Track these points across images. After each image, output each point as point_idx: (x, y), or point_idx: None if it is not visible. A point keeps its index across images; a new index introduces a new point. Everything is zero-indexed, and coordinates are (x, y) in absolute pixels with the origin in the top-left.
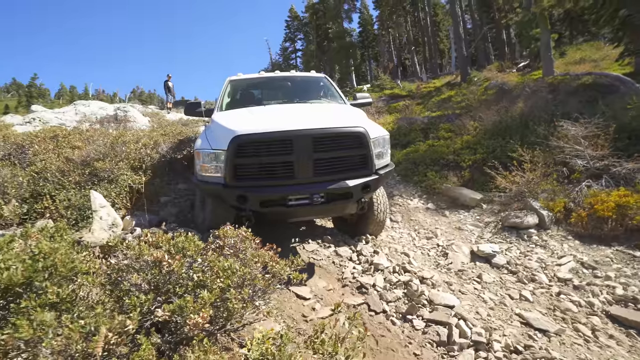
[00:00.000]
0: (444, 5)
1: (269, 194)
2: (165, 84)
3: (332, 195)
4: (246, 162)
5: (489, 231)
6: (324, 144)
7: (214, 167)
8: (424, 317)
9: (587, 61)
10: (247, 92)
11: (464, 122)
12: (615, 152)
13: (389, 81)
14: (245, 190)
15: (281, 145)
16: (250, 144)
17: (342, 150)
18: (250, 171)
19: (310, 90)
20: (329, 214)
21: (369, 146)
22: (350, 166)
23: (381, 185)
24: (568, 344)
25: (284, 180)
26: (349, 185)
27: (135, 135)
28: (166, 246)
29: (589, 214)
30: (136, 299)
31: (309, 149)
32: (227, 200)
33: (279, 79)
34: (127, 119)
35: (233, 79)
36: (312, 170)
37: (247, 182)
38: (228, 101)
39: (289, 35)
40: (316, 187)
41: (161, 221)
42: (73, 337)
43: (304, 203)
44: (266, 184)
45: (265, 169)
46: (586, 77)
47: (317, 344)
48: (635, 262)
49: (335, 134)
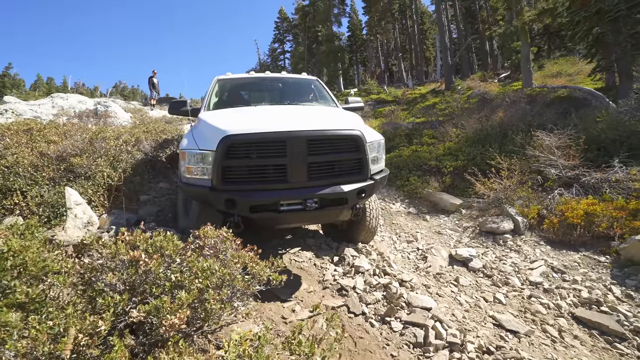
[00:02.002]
0: (431, 14)
1: (260, 199)
2: (149, 80)
3: (326, 200)
4: (236, 164)
5: (467, 236)
6: (319, 147)
7: (200, 168)
8: (402, 319)
9: (563, 75)
10: (235, 92)
11: (447, 129)
12: (585, 163)
13: (375, 86)
14: (234, 194)
15: (274, 147)
16: (240, 145)
17: (338, 153)
18: (239, 174)
19: (302, 92)
20: (322, 220)
21: (365, 150)
22: (345, 171)
23: (376, 191)
24: (536, 344)
25: (276, 184)
26: (344, 190)
27: (116, 132)
28: (144, 245)
29: (560, 221)
30: (110, 299)
31: (303, 151)
32: (214, 205)
33: (270, 79)
34: (108, 115)
35: (221, 78)
36: (306, 174)
37: (236, 186)
38: (216, 101)
39: (278, 36)
40: (310, 192)
41: (140, 220)
42: (40, 339)
43: (296, 209)
44: (257, 187)
45: (256, 171)
46: (562, 90)
47: (294, 345)
48: (600, 266)
49: (331, 137)
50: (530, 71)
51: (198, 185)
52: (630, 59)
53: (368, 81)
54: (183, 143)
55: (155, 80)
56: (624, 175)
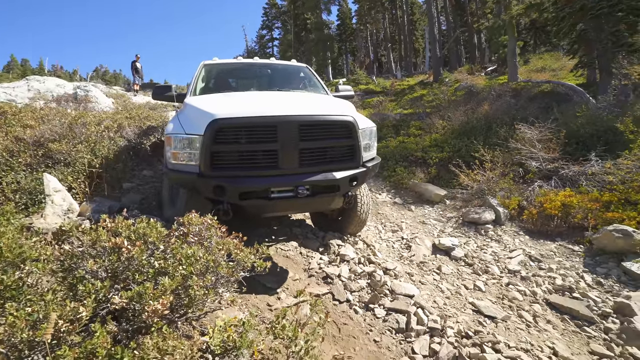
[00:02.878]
0: (421, 5)
1: (250, 185)
2: (132, 64)
3: (318, 187)
4: (225, 150)
5: (450, 226)
6: (311, 133)
7: (187, 154)
8: (385, 306)
9: (547, 70)
10: (223, 77)
11: (434, 121)
12: (564, 156)
13: (364, 76)
14: (223, 180)
15: (264, 132)
16: (230, 129)
17: (330, 139)
18: (229, 160)
19: (292, 79)
20: (313, 208)
21: (358, 137)
22: (337, 157)
23: (368, 178)
24: (512, 329)
25: (266, 170)
26: (336, 177)
27: (97, 117)
28: (126, 232)
29: (539, 212)
30: (91, 286)
31: (294, 137)
32: (202, 192)
33: (259, 65)
34: (88, 99)
35: (208, 63)
36: (298, 160)
37: (225, 172)
38: (202, 86)
39: (266, 23)
40: (301, 179)
41: (123, 208)
42: (18, 325)
43: (287, 196)
44: (246, 174)
45: (245, 157)
46: (545, 85)
47: (278, 329)
48: (574, 255)
49: (323, 122)
50: (516, 65)
51: (185, 171)
52: (611, 57)
53: (357, 71)
54: (168, 127)
55: (139, 65)
56: (599, 168)
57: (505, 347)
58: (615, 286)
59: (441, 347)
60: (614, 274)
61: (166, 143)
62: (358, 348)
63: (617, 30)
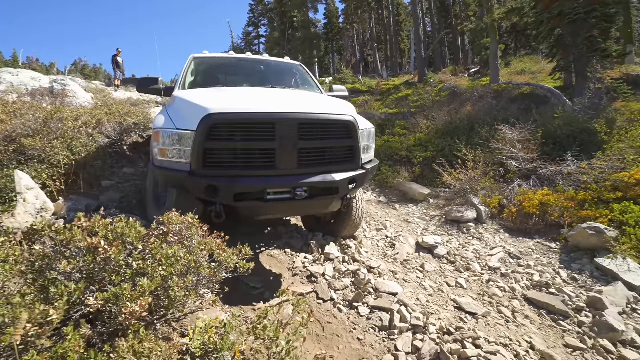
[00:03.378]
0: (406, 6)
1: (245, 186)
2: (113, 58)
3: (316, 190)
4: (219, 147)
5: (433, 224)
6: (311, 132)
7: (177, 150)
8: (369, 304)
9: (527, 72)
10: (213, 72)
11: (418, 121)
12: (542, 156)
13: (350, 76)
14: (217, 180)
15: (262, 129)
16: (225, 125)
17: (329, 140)
18: (222, 158)
19: (285, 77)
20: (310, 211)
21: (358, 138)
22: (336, 159)
23: (367, 181)
24: (492, 324)
25: (263, 170)
26: (335, 179)
27: (75, 112)
28: (103, 232)
29: (518, 210)
30: (64, 288)
31: (293, 135)
32: (193, 192)
33: (251, 61)
34: (66, 94)
35: (198, 57)
36: (296, 160)
37: (218, 171)
38: (191, 80)
39: (252, 19)
40: (299, 180)
41: (101, 206)
42: None
43: (284, 198)
44: (241, 173)
45: (241, 156)
46: (525, 87)
47: (259, 330)
48: (551, 252)
49: (324, 121)
50: (497, 67)
51: (174, 169)
52: (586, 61)
53: (343, 70)
54: (157, 121)
55: (120, 60)
56: (575, 168)
57: (486, 342)
58: (588, 281)
59: (423, 344)
60: (588, 269)
61: (154, 138)
62: (342, 347)
63: (591, 36)
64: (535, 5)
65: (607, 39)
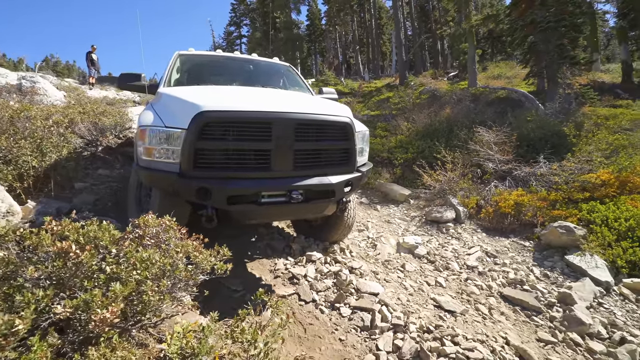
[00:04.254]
0: (388, 10)
1: (239, 188)
2: (88, 55)
3: (312, 192)
4: (211, 147)
5: (414, 225)
6: (307, 133)
7: (165, 150)
8: (351, 305)
9: (503, 77)
10: (200, 70)
11: (399, 123)
12: (517, 158)
13: (333, 77)
14: (208, 182)
15: (257, 128)
16: (218, 124)
17: (326, 141)
18: (215, 158)
19: (275, 77)
20: (305, 215)
21: (354, 140)
22: (332, 161)
23: (362, 184)
24: (470, 321)
25: (257, 172)
26: (332, 182)
27: (46, 111)
28: (74, 236)
29: (495, 210)
30: (31, 295)
31: (290, 136)
32: (183, 194)
33: (240, 60)
34: (35, 91)
35: (184, 54)
36: (292, 162)
37: (210, 172)
38: (177, 77)
39: (234, 19)
40: (295, 182)
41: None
42: None
43: (279, 201)
44: (235, 175)
45: (234, 157)
46: (501, 91)
47: (237, 333)
48: (525, 251)
49: (321, 122)
50: (475, 72)
51: (162, 170)
52: (556, 67)
53: (326, 72)
54: (143, 119)
55: (95, 57)
56: (547, 169)
57: (464, 339)
58: (559, 278)
59: (404, 343)
60: (559, 266)
61: (139, 137)
62: (324, 348)
63: (561, 44)
64: (510, 13)
65: (576, 47)
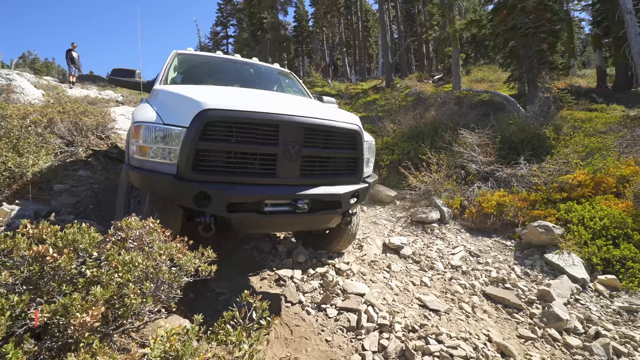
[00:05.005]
0: (374, 13)
1: (242, 194)
2: (68, 53)
3: (318, 203)
4: (213, 148)
5: (399, 225)
6: (316, 138)
7: (161, 149)
8: (337, 306)
9: (485, 81)
10: (199, 70)
11: (385, 125)
12: (499, 159)
13: (320, 79)
14: (209, 186)
15: (264, 131)
16: (222, 124)
17: (333, 149)
18: (217, 161)
19: (276, 83)
20: (309, 226)
21: (362, 149)
22: (339, 170)
23: (367, 196)
24: (454, 320)
25: (262, 177)
26: (339, 192)
27: (22, 110)
28: (52, 239)
29: (478, 211)
30: (5, 301)
31: (298, 141)
32: (179, 199)
33: (241, 63)
34: (11, 90)
35: (182, 53)
36: (299, 169)
37: (210, 176)
38: (174, 76)
39: (220, 19)
40: (301, 190)
41: (52, 212)
42: None
43: (283, 210)
44: (237, 180)
45: (237, 160)
46: (484, 94)
47: (222, 335)
48: (507, 250)
49: (331, 128)
50: (459, 75)
51: (156, 171)
52: (536, 72)
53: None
54: (139, 115)
55: (75, 55)
56: (527, 171)
57: (447, 337)
58: (539, 276)
59: (389, 342)
60: (538, 265)
61: (132, 134)
62: (310, 349)
63: (540, 49)
64: (492, 19)
65: (554, 53)
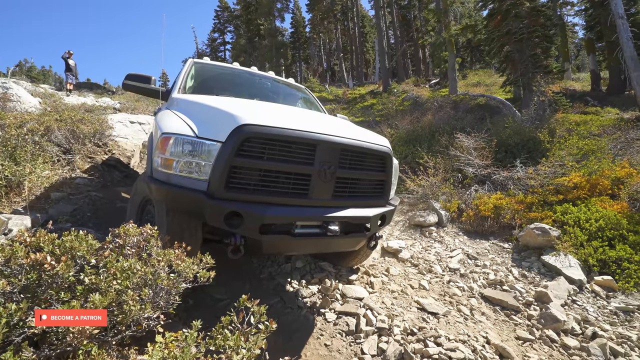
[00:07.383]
0: (371, 19)
1: (276, 215)
2: (65, 61)
3: (349, 225)
4: (248, 166)
5: (398, 229)
6: (350, 159)
7: (190, 163)
8: (336, 310)
9: (482, 85)
10: (218, 80)
11: (383, 129)
12: (495, 163)
13: (317, 84)
14: (242, 206)
15: (301, 150)
16: (260, 140)
17: (366, 171)
18: (250, 179)
19: (294, 97)
20: (337, 249)
21: (391, 171)
22: (368, 192)
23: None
24: (452, 322)
25: (295, 198)
26: (369, 215)
27: (19, 118)
28: (49, 247)
29: (475, 214)
30: (3, 309)
31: (334, 162)
32: (208, 218)
33: (259, 76)
34: (8, 98)
35: (199, 62)
36: (332, 190)
37: (242, 195)
38: (192, 85)
39: (218, 26)
40: (333, 212)
41: (49, 220)
42: None
43: (314, 232)
44: (269, 200)
45: (271, 179)
46: (480, 98)
47: (219, 340)
48: (504, 252)
49: (365, 150)
50: (455, 79)
51: (184, 187)
52: (531, 76)
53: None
54: (167, 124)
55: (72, 62)
56: (523, 173)
57: (446, 340)
58: (536, 277)
59: (388, 346)
60: (536, 266)
61: (159, 145)
62: (309, 353)
63: (535, 54)
64: (487, 24)
65: (548, 57)
